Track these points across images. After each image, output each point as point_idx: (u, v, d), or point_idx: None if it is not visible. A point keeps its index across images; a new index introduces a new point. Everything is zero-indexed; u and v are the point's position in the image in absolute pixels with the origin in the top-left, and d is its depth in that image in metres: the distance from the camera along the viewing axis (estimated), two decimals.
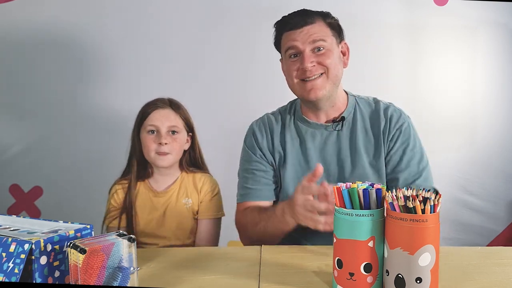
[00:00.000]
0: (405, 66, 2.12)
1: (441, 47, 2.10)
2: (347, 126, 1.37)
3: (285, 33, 1.34)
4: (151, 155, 1.45)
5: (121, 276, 0.84)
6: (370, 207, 0.86)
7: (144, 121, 1.47)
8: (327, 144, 1.36)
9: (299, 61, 1.31)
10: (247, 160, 1.42)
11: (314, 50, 1.30)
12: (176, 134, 1.46)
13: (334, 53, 1.32)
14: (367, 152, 1.34)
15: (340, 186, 0.88)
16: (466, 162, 2.13)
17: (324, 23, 1.33)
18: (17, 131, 2.06)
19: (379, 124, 1.35)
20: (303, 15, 1.32)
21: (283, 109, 1.46)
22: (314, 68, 1.30)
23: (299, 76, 1.32)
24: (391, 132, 1.34)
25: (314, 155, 1.36)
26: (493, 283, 0.94)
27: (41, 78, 2.05)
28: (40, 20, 2.03)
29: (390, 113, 1.36)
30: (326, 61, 1.30)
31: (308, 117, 1.39)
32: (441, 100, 2.13)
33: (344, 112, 1.37)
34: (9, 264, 0.83)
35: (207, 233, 1.49)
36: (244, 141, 1.45)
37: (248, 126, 1.46)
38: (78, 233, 0.92)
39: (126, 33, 2.04)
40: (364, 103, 1.41)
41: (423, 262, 0.80)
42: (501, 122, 2.15)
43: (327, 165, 1.34)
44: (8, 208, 2.06)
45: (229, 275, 0.99)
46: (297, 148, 1.38)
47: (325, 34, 1.32)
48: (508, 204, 2.17)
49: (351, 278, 0.85)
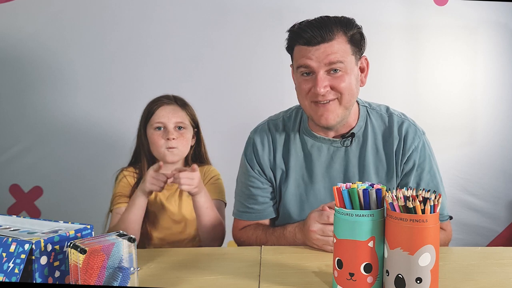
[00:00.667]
0: (405, 66, 2.12)
1: (441, 47, 2.10)
2: (357, 141, 1.28)
3: (299, 46, 1.19)
4: (161, 150, 1.44)
5: (121, 276, 0.84)
6: (370, 207, 0.86)
7: (151, 118, 1.46)
8: (334, 161, 1.28)
9: (312, 81, 1.18)
10: (244, 173, 1.36)
11: (329, 71, 1.17)
12: (183, 129, 1.46)
13: (351, 76, 1.19)
14: (376, 172, 1.27)
15: (340, 186, 0.88)
16: (466, 162, 2.13)
17: (345, 38, 1.17)
18: (17, 131, 2.06)
19: (392, 142, 1.26)
20: (321, 29, 1.15)
21: (287, 116, 1.36)
22: (327, 92, 1.17)
23: (310, 98, 1.20)
24: (406, 154, 1.25)
25: (319, 171, 1.28)
26: (493, 283, 0.94)
27: (41, 77, 2.05)
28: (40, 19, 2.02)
29: (405, 130, 1.26)
30: (341, 85, 1.17)
31: (315, 131, 1.29)
32: (441, 100, 2.12)
33: (355, 127, 1.28)
34: (9, 264, 0.83)
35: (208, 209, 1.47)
36: (244, 151, 1.37)
37: (249, 132, 1.40)
38: (79, 233, 0.92)
39: (128, 33, 2.04)
40: (376, 116, 1.30)
41: (423, 262, 0.80)
42: (501, 122, 2.15)
43: (333, 182, 1.27)
44: (8, 208, 2.06)
45: (229, 275, 0.99)
46: (301, 162, 1.30)
47: (345, 53, 1.17)
48: (508, 204, 2.17)
49: (351, 278, 0.85)
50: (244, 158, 1.36)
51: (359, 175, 1.27)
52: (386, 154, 1.27)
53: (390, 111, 1.32)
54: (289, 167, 1.30)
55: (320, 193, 1.29)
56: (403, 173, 1.27)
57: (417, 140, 1.26)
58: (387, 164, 1.27)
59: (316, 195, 1.29)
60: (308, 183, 1.30)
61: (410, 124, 1.29)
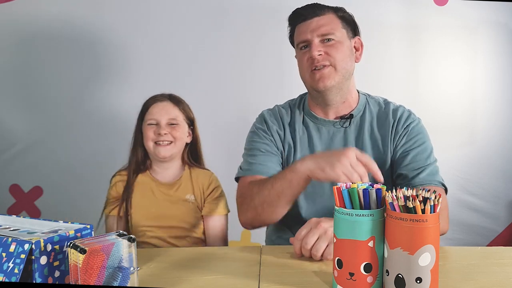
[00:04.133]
0: (405, 66, 2.12)
1: (441, 47, 2.10)
2: (355, 124, 1.37)
3: (298, 25, 1.35)
4: (150, 145, 1.48)
5: (121, 276, 0.84)
6: (370, 207, 0.86)
7: (145, 114, 1.51)
8: (333, 141, 1.36)
9: (309, 52, 1.31)
10: (254, 140, 1.39)
11: (323, 41, 1.31)
12: (175, 125, 1.49)
13: (343, 46, 1.32)
14: (373, 151, 1.34)
15: (340, 186, 0.88)
16: (466, 162, 2.13)
17: (335, 15, 1.34)
18: (17, 131, 2.06)
19: (388, 124, 1.35)
20: (314, 7, 1.34)
21: (293, 103, 1.46)
22: (321, 57, 1.29)
23: (309, 67, 1.32)
24: (398, 132, 1.34)
25: (319, 151, 1.36)
26: (493, 283, 0.94)
27: (42, 77, 2.05)
28: (41, 19, 2.03)
29: (399, 114, 1.36)
30: (333, 52, 1.30)
31: (316, 113, 1.39)
32: (441, 100, 2.12)
33: (354, 110, 1.37)
34: (9, 264, 0.83)
35: (216, 230, 1.50)
36: (254, 125, 1.44)
37: (248, 131, 1.44)
38: (78, 233, 0.92)
39: (129, 32, 2.04)
40: (374, 103, 1.41)
41: (423, 262, 0.80)
42: (501, 122, 2.15)
43: None
44: (8, 208, 2.06)
45: (229, 275, 0.99)
46: (305, 142, 1.38)
47: (335, 26, 1.32)
48: (508, 204, 2.17)
49: (351, 278, 0.85)
50: (255, 129, 1.42)
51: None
52: (381, 135, 1.35)
53: (387, 100, 1.42)
54: (296, 146, 1.38)
55: None
56: (395, 147, 1.34)
57: (410, 121, 1.35)
58: (382, 143, 1.35)
59: None
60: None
61: (405, 110, 1.39)
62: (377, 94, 1.45)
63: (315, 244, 1.04)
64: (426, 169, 1.30)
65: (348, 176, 1.07)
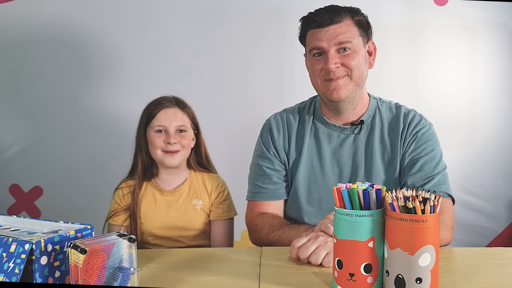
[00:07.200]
0: (405, 66, 2.12)
1: (441, 47, 2.10)
2: (365, 130, 1.35)
3: (311, 30, 1.30)
4: (158, 154, 1.43)
5: (121, 276, 0.84)
6: (370, 208, 0.86)
7: (151, 121, 1.45)
8: (343, 147, 1.35)
9: (323, 61, 1.28)
10: (260, 156, 1.41)
11: (339, 50, 1.27)
12: (184, 132, 1.45)
13: (359, 54, 1.29)
14: (382, 158, 1.33)
15: (340, 187, 0.88)
16: (466, 162, 2.13)
17: (352, 21, 1.29)
18: (17, 131, 2.06)
19: (398, 130, 1.33)
20: (330, 13, 1.27)
21: (302, 107, 1.43)
22: (338, 69, 1.27)
23: (322, 76, 1.29)
24: (407, 139, 1.32)
25: (328, 156, 1.35)
26: (493, 284, 0.94)
27: (42, 77, 2.05)
28: (40, 19, 2.02)
29: (410, 119, 1.34)
30: (351, 63, 1.27)
31: (327, 118, 1.37)
32: (441, 100, 2.12)
33: (364, 115, 1.35)
34: (10, 264, 0.83)
35: (222, 234, 1.48)
36: (260, 135, 1.44)
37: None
38: (79, 233, 0.92)
39: (128, 32, 2.04)
40: (385, 107, 1.38)
41: (423, 262, 0.80)
42: (501, 122, 2.15)
43: (341, 168, 1.34)
44: (8, 208, 2.06)
45: (230, 276, 0.99)
46: (313, 147, 1.37)
47: (352, 34, 1.28)
48: (508, 204, 2.17)
49: (351, 279, 0.85)
50: (260, 141, 1.43)
51: (365, 162, 1.33)
52: (391, 141, 1.33)
53: (398, 104, 1.40)
54: (302, 152, 1.37)
55: (329, 177, 1.35)
56: (403, 153, 1.32)
57: (420, 126, 1.33)
58: (391, 150, 1.33)
59: (324, 179, 1.35)
60: (318, 167, 1.36)
61: (416, 114, 1.36)
62: (377, 94, 1.45)
63: (315, 251, 1.04)
64: (433, 178, 1.29)
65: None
